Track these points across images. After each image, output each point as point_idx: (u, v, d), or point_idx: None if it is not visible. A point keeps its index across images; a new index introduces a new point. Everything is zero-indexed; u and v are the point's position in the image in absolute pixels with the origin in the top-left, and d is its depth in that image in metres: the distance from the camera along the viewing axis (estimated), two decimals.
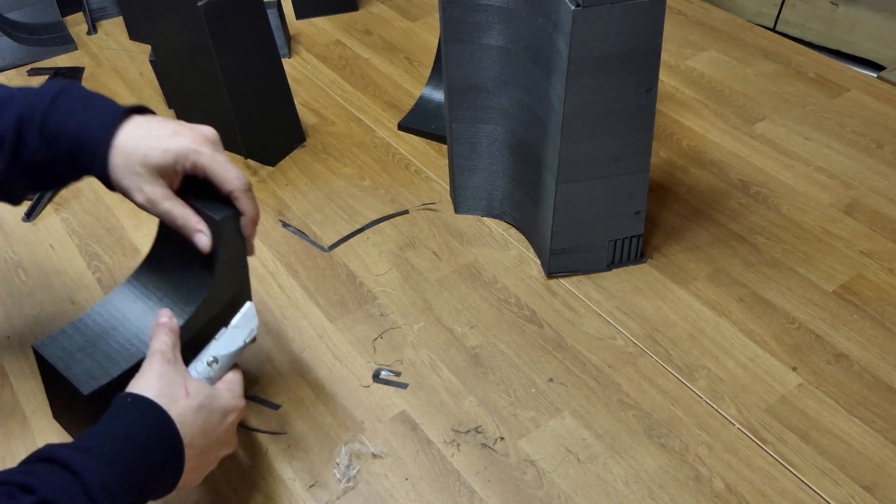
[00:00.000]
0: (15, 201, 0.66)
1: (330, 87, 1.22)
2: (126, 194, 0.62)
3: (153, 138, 0.61)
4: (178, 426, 0.56)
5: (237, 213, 0.65)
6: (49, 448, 0.52)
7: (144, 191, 0.61)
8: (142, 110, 0.64)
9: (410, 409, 0.75)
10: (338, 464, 0.70)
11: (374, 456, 0.71)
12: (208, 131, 0.64)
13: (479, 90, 0.85)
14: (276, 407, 0.75)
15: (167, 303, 0.67)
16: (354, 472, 0.70)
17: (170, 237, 0.67)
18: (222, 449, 0.62)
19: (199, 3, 0.91)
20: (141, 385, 0.58)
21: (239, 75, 0.98)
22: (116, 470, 0.52)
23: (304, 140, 1.10)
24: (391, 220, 0.97)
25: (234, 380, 0.64)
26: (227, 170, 0.63)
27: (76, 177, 0.65)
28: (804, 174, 1.01)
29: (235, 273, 0.70)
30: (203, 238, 0.63)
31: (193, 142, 0.62)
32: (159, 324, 0.62)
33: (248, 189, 0.64)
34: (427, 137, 1.10)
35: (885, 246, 0.90)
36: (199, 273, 0.67)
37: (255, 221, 0.66)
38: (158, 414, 0.56)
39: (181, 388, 0.58)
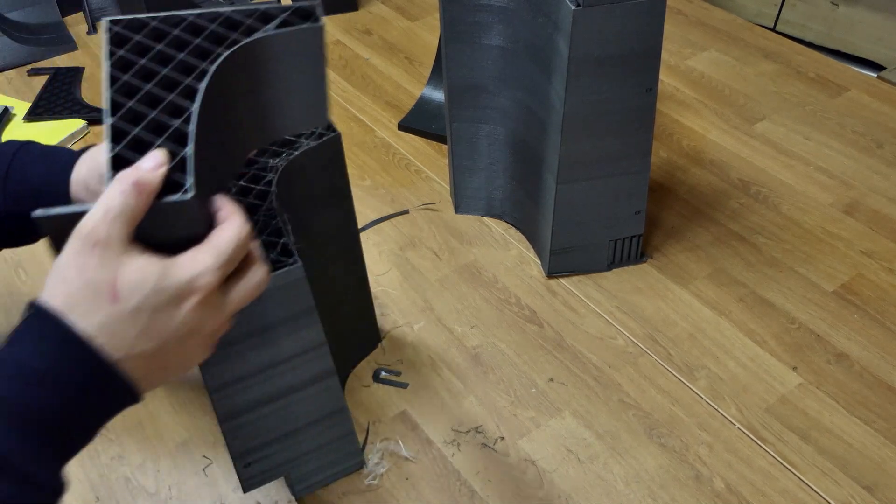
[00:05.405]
0: None
1: (330, 87, 1.22)
2: None
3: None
4: (101, 342, 0.41)
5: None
6: None
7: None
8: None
9: (411, 408, 0.75)
10: (368, 459, 0.70)
11: (406, 460, 0.71)
12: None
13: (479, 90, 0.85)
14: None
15: None
16: (383, 470, 0.69)
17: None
18: (193, 338, 0.44)
19: None
20: (52, 285, 0.42)
21: None
22: (5, 417, 0.39)
23: None
24: (391, 219, 0.97)
25: (206, 246, 0.42)
26: None
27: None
28: (804, 174, 1.01)
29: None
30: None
31: None
32: (121, 176, 0.40)
33: None
34: (427, 137, 1.10)
35: (885, 246, 0.91)
36: None
37: None
38: (62, 335, 0.41)
39: (106, 288, 0.41)
